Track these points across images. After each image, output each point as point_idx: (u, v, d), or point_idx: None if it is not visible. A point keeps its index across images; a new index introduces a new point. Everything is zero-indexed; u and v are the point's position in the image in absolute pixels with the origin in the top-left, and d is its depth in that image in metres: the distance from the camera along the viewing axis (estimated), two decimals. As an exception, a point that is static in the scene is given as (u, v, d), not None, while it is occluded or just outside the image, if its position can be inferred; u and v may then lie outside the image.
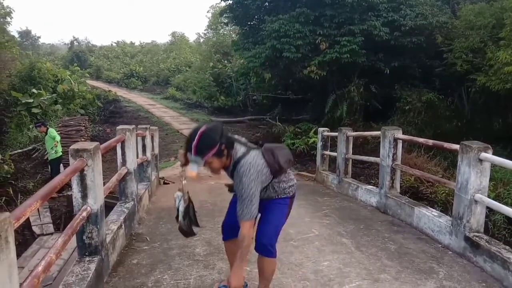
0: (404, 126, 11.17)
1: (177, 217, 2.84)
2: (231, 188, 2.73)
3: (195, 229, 2.92)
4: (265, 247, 2.68)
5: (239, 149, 2.56)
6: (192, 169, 2.42)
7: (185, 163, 2.63)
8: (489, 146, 3.77)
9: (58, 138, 9.27)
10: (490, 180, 7.23)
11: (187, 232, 2.89)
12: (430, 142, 4.86)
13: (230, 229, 2.85)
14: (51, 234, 6.90)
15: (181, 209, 2.76)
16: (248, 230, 2.48)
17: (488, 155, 3.72)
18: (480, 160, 3.73)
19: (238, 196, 2.52)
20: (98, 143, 3.38)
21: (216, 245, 4.11)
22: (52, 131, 9.39)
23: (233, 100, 22.30)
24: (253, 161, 2.51)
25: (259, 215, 2.68)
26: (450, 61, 11.60)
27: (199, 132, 2.41)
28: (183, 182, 2.79)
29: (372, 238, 4.44)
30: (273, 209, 2.73)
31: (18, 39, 51.52)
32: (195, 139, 2.39)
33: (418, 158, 8.97)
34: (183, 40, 47.29)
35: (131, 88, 34.41)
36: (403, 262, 3.76)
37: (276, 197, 2.72)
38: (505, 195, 7.26)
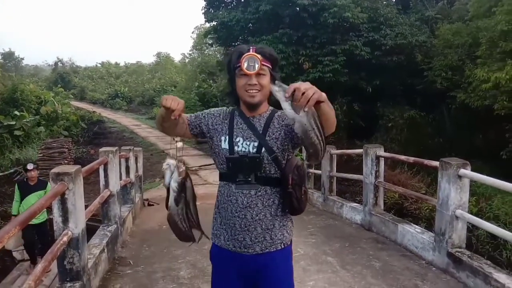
0: (388, 143, 11.34)
1: (167, 200, 1.79)
2: None
3: (194, 231, 1.91)
4: None
5: None
6: (249, 69, 1.73)
7: (178, 106, 1.65)
8: (468, 162, 3.85)
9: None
10: (473, 195, 7.39)
11: (182, 229, 1.85)
12: (411, 159, 4.94)
13: None
14: (33, 259, 6.72)
15: (173, 184, 1.73)
16: None
17: (467, 172, 3.79)
18: (459, 177, 3.80)
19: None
20: (80, 166, 3.35)
21: (201, 267, 4.07)
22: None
23: (219, 120, 22.36)
24: None
25: None
26: (431, 79, 11.90)
27: None
28: (177, 144, 1.87)
29: (357, 256, 4.45)
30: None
31: (1, 61, 51.20)
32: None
33: (401, 175, 9.10)
34: (168, 61, 47.49)
35: (116, 108, 34.28)
36: (387, 280, 3.77)
37: (281, 245, 1.86)
38: (487, 210, 7.40)
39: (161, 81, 37.83)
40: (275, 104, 1.74)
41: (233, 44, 16.11)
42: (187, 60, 40.33)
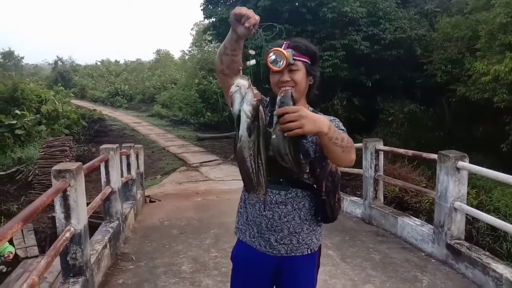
0: (388, 137, 11.35)
1: (237, 132, 1.40)
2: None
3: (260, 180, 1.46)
4: None
5: None
6: (273, 65, 1.66)
7: (253, 15, 1.48)
8: (466, 155, 3.88)
9: (11, 249, 5.13)
10: (473, 187, 7.40)
11: (249, 169, 1.42)
12: (410, 152, 4.97)
13: None
14: (36, 257, 6.77)
15: (247, 108, 1.36)
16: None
17: (465, 164, 3.82)
18: (458, 169, 3.83)
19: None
20: (81, 163, 3.39)
21: (202, 262, 4.11)
22: None
23: (219, 116, 22.37)
24: None
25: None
26: (430, 73, 11.87)
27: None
28: (248, 63, 1.62)
29: (357, 249, 4.49)
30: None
31: (1, 60, 51.17)
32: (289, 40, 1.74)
33: (402, 168, 9.09)
34: (168, 58, 47.45)
35: (117, 106, 34.31)
36: (387, 272, 3.81)
37: (308, 250, 1.78)
38: (487, 202, 7.42)
39: (161, 79, 37.82)
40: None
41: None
42: (186, 57, 40.31)
